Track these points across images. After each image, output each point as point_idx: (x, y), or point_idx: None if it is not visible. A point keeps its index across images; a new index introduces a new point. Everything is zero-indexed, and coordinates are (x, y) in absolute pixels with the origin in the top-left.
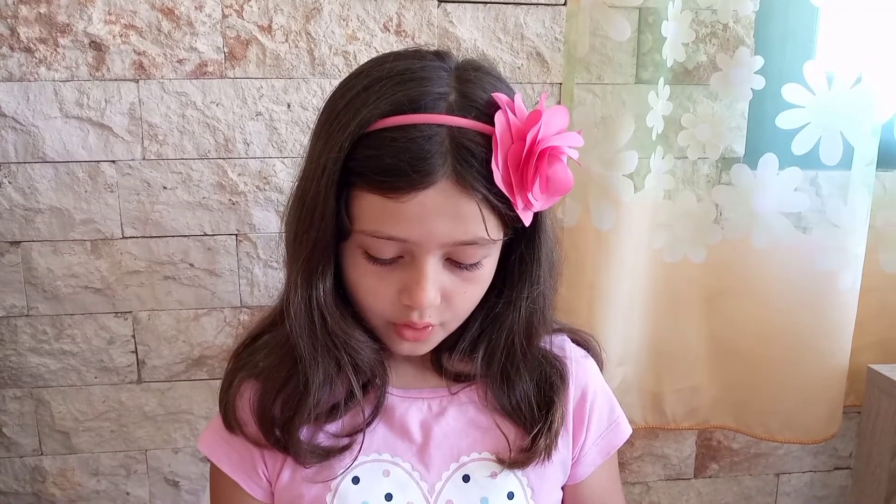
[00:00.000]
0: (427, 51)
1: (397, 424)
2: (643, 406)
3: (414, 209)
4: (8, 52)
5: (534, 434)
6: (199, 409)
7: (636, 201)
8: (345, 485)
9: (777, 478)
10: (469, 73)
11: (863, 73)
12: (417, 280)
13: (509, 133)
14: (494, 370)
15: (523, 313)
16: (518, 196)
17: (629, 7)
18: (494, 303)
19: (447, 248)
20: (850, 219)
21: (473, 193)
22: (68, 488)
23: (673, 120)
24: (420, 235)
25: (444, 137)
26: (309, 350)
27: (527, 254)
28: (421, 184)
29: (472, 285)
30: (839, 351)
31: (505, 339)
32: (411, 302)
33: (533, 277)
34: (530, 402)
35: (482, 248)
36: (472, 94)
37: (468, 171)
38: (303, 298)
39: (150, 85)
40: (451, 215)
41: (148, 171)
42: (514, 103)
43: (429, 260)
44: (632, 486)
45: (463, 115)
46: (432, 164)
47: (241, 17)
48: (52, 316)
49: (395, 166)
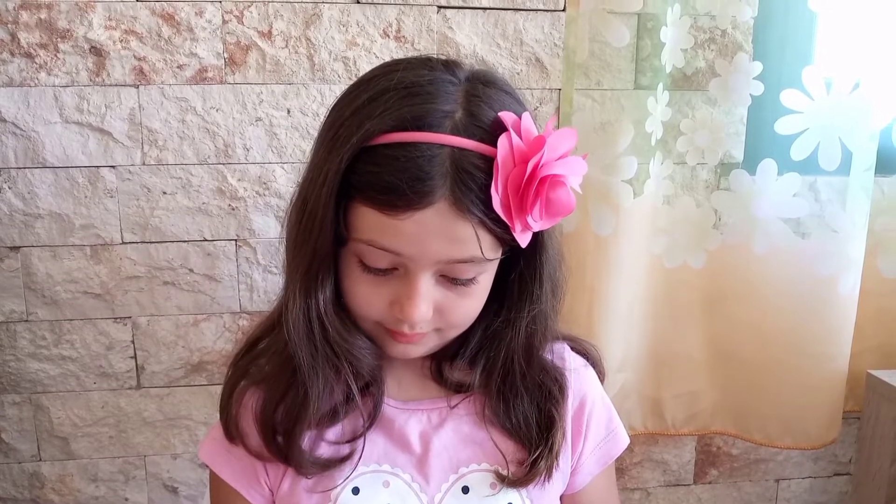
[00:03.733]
0: (437, 60)
1: (397, 435)
2: (643, 412)
3: (410, 227)
4: (8, 58)
5: (534, 458)
6: (198, 414)
7: (635, 207)
8: (345, 495)
9: (777, 484)
10: (478, 87)
11: (861, 78)
12: (409, 295)
13: (512, 157)
14: (492, 388)
15: (522, 334)
16: (516, 220)
17: (628, 13)
18: (493, 321)
19: (441, 265)
20: (849, 224)
21: (470, 217)
22: (67, 494)
23: (672, 125)
24: (414, 252)
25: (445, 159)
26: (308, 360)
27: (527, 273)
28: (418, 204)
29: (467, 300)
30: (838, 356)
31: (503, 358)
32: (402, 316)
33: (533, 297)
34: (529, 421)
35: (477, 266)
36: (478, 114)
37: (466, 194)
38: (301, 309)
39: (150, 90)
40: (447, 236)
41: (148, 176)
42: (520, 123)
43: (422, 276)
44: (631, 493)
45: (467, 135)
46: (431, 186)
47: (241, 23)
48: (51, 321)
49: (394, 185)
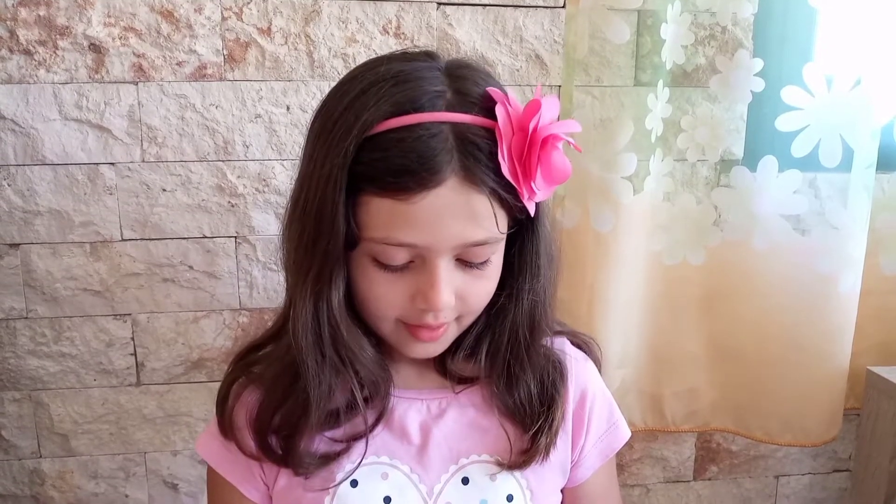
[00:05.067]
0: (414, 52)
1: (396, 426)
2: (642, 408)
3: (425, 211)
4: (7, 55)
5: (534, 432)
6: (198, 411)
7: (635, 203)
8: (343, 488)
9: (776, 480)
10: (460, 69)
11: (862, 75)
12: (432, 283)
13: (510, 124)
14: (499, 367)
15: (526, 306)
16: (524, 185)
17: (628, 9)
18: (496, 297)
19: (458, 249)
20: (850, 221)
21: (482, 188)
22: (67, 491)
23: (672, 122)
24: (432, 239)
25: (448, 134)
26: (313, 367)
27: (527, 246)
28: (431, 182)
29: (484, 281)
30: (839, 353)
31: (509, 333)
32: (427, 305)
33: (533, 269)
34: (532, 399)
35: (491, 246)
36: (467, 90)
37: (476, 165)
38: (311, 314)
39: (149, 87)
40: (463, 214)
41: (147, 173)
42: (507, 96)
43: (441, 262)
44: (631, 489)
45: (464, 110)
46: (440, 162)
47: (241, 20)
48: (50, 318)
49: (405, 166)
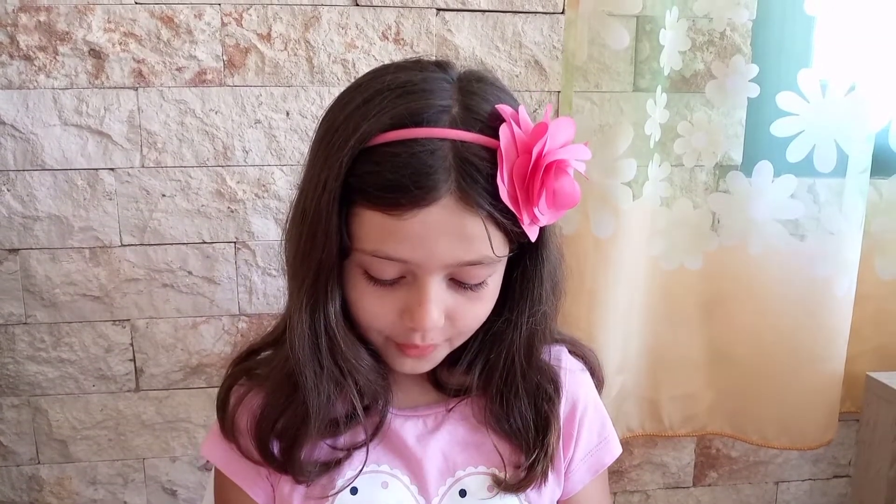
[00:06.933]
0: (428, 61)
1: (393, 440)
2: (641, 413)
3: (416, 228)
4: (7, 60)
5: (531, 461)
6: (196, 417)
7: (635, 209)
8: (343, 496)
9: (776, 486)
10: (472, 84)
11: (857, 81)
12: (420, 302)
13: (514, 146)
14: (493, 390)
15: (524, 333)
16: (524, 211)
17: (627, 15)
18: (494, 321)
19: (451, 268)
20: (846, 226)
21: (478, 210)
22: (65, 497)
23: (670, 128)
24: (422, 256)
25: (447, 152)
26: (311, 377)
27: (529, 271)
28: (423, 200)
29: (477, 304)
30: (835, 357)
31: (504, 359)
32: (413, 324)
33: (535, 296)
34: (527, 424)
35: (487, 268)
36: (475, 107)
37: (472, 187)
38: (307, 324)
39: (149, 93)
40: (455, 234)
41: (147, 178)
42: (518, 115)
43: (431, 281)
44: (631, 495)
45: (467, 128)
46: (435, 180)
47: (241, 26)
48: (49, 324)
49: (397, 182)
